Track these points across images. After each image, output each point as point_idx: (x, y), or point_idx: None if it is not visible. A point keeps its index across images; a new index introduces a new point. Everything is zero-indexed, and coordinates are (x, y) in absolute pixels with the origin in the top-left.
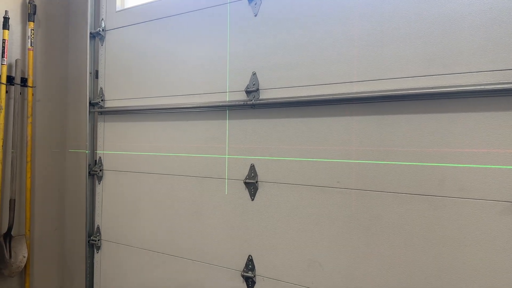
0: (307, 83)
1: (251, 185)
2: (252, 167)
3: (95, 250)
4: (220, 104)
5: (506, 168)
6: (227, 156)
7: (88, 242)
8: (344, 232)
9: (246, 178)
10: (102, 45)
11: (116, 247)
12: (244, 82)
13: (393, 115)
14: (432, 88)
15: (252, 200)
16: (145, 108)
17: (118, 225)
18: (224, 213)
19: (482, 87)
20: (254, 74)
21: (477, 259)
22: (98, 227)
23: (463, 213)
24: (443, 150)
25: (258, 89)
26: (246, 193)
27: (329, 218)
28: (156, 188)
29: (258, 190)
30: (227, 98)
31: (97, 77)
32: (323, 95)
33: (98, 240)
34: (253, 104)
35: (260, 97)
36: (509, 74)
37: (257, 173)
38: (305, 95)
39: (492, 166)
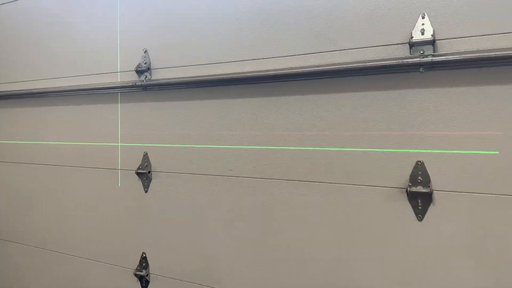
0: (202, 61)
1: (144, 176)
2: (146, 156)
3: None
4: (111, 85)
5: (389, 151)
6: (119, 144)
7: None
8: (239, 223)
9: (138, 168)
10: None
11: (8, 246)
12: (137, 61)
13: (283, 96)
14: (318, 66)
15: (146, 192)
16: (32, 92)
17: (10, 222)
18: (118, 208)
19: (362, 64)
20: (145, 51)
21: (364, 246)
22: None
23: (350, 199)
24: (330, 134)
25: (149, 69)
26: (139, 185)
27: (223, 209)
28: (50, 181)
29: (152, 181)
30: (118, 79)
31: None
32: (213, 75)
33: None
34: (145, 86)
35: (152, 78)
36: (392, 49)
37: (151, 162)
38: (198, 74)
39: (376, 150)
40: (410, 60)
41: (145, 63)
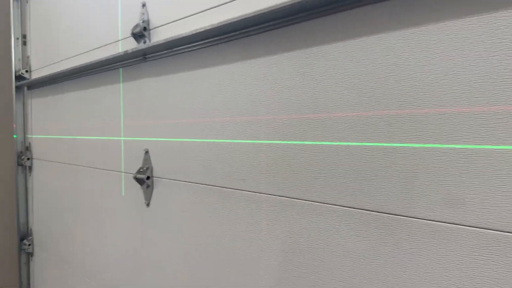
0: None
1: (144, 183)
2: (147, 155)
3: (29, 258)
4: (109, 58)
5: None
6: (122, 138)
7: (22, 248)
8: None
9: (137, 172)
10: (27, 2)
11: (49, 259)
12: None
13: None
14: None
15: (147, 206)
16: (57, 73)
17: (49, 229)
18: (121, 221)
19: None
20: (143, 5)
21: None
22: (30, 230)
23: None
24: None
25: (147, 29)
26: (141, 194)
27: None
28: (76, 184)
29: (154, 190)
30: (120, 48)
31: (25, 43)
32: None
33: (30, 245)
34: (143, 54)
35: (152, 41)
36: None
37: (152, 164)
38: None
39: None
40: None
41: (143, 22)
